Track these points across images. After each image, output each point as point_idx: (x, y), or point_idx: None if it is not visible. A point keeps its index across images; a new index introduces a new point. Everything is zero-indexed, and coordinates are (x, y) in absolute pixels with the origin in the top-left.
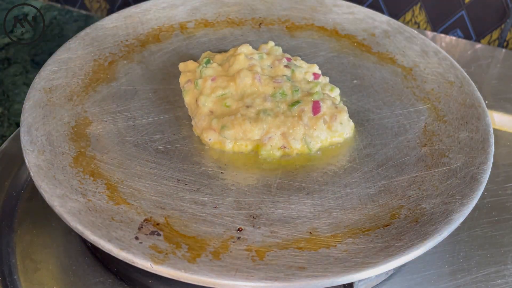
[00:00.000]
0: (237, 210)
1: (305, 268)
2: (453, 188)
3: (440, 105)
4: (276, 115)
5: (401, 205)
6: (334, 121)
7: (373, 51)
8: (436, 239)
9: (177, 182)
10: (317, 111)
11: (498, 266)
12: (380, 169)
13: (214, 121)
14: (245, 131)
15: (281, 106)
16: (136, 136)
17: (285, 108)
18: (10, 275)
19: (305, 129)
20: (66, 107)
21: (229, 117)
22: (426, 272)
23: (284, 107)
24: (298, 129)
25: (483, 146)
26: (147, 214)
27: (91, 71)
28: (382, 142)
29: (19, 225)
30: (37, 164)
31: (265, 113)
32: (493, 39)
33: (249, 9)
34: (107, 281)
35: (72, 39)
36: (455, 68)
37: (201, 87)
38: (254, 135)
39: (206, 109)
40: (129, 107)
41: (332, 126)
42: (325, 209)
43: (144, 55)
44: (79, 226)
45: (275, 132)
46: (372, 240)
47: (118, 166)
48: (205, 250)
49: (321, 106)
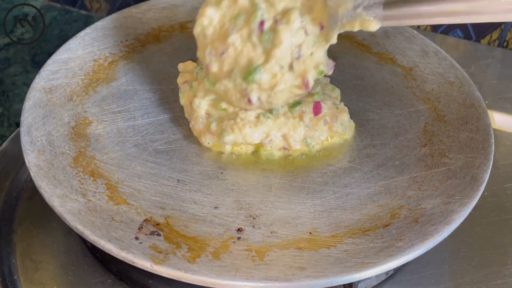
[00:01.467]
0: (237, 210)
1: (305, 268)
2: (453, 188)
3: (440, 105)
4: (276, 117)
5: (401, 205)
6: (335, 122)
7: (373, 51)
8: (436, 239)
9: (177, 182)
10: (318, 112)
11: (498, 266)
12: (380, 169)
13: (213, 125)
14: (245, 136)
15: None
16: (136, 136)
17: (285, 109)
18: (10, 275)
19: (306, 130)
20: (66, 107)
21: (229, 121)
22: (426, 272)
23: (284, 109)
24: (299, 130)
25: (483, 146)
26: (147, 214)
27: (91, 71)
28: (382, 142)
29: (19, 225)
30: (37, 164)
31: (265, 116)
32: (493, 39)
33: None
34: (107, 281)
35: (72, 39)
36: (455, 68)
37: (195, 89)
38: (255, 139)
39: (202, 112)
40: (129, 107)
41: (333, 126)
42: (325, 209)
43: (144, 55)
44: (79, 226)
45: (275, 134)
46: (372, 240)
47: (118, 166)
48: (205, 250)
49: (322, 107)
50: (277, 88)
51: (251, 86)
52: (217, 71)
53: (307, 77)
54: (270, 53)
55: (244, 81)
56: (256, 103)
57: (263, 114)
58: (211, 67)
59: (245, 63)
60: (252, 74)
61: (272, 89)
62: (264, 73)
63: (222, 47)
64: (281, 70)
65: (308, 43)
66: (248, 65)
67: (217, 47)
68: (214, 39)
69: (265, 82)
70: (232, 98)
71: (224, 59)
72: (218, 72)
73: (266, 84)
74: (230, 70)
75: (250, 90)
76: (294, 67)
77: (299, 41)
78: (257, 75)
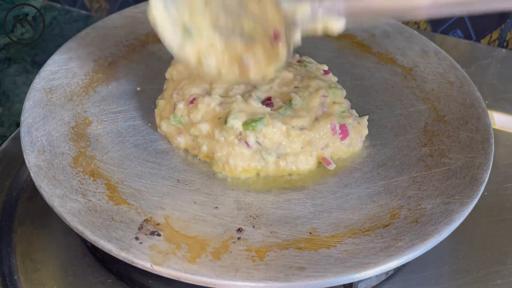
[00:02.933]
0: (237, 210)
1: (305, 268)
2: (453, 188)
3: (440, 105)
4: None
5: (401, 205)
6: (359, 140)
7: (373, 51)
8: (436, 239)
9: (177, 182)
10: (345, 136)
11: (498, 266)
12: (380, 169)
13: (203, 148)
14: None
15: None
16: (136, 136)
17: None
18: (10, 275)
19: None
20: (66, 107)
21: (221, 151)
22: (426, 272)
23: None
24: (310, 161)
25: (483, 146)
26: (147, 214)
27: (91, 71)
28: (382, 142)
29: (19, 225)
30: (37, 164)
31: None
32: (493, 39)
33: None
34: (107, 281)
35: (72, 39)
36: (455, 68)
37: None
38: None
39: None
40: (129, 107)
41: (356, 146)
42: (325, 209)
43: (144, 55)
44: (79, 226)
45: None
46: (372, 240)
47: (118, 166)
48: (205, 250)
49: (349, 130)
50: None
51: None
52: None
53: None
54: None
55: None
56: (254, 146)
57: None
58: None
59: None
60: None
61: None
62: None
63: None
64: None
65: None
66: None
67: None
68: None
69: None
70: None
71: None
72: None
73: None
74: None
75: (246, 135)
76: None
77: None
78: (260, 125)
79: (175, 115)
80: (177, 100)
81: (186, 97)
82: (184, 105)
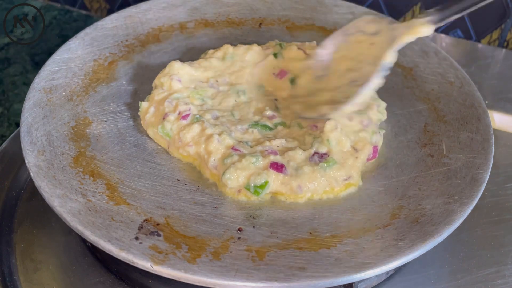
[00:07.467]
0: (237, 210)
1: (305, 269)
2: (453, 188)
3: (440, 105)
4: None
5: (401, 205)
6: (375, 152)
7: None
8: (436, 239)
9: (177, 182)
10: (374, 156)
11: (498, 266)
12: (380, 169)
13: (212, 160)
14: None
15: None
16: (136, 136)
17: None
18: (10, 275)
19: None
20: (66, 107)
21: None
22: (426, 272)
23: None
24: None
25: (483, 146)
26: (147, 214)
27: (91, 71)
28: (382, 142)
29: (19, 225)
30: (37, 164)
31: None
32: (493, 39)
33: (249, 9)
34: (107, 281)
35: (72, 39)
36: (455, 68)
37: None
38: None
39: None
40: (129, 107)
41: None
42: (325, 209)
43: (144, 55)
44: (79, 226)
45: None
46: (372, 240)
47: (118, 166)
48: (205, 251)
49: (378, 151)
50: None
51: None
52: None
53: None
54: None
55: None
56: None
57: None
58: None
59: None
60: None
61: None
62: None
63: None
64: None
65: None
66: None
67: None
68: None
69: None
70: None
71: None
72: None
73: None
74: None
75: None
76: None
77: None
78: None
79: (163, 127)
80: (169, 110)
81: (181, 110)
82: (176, 119)
